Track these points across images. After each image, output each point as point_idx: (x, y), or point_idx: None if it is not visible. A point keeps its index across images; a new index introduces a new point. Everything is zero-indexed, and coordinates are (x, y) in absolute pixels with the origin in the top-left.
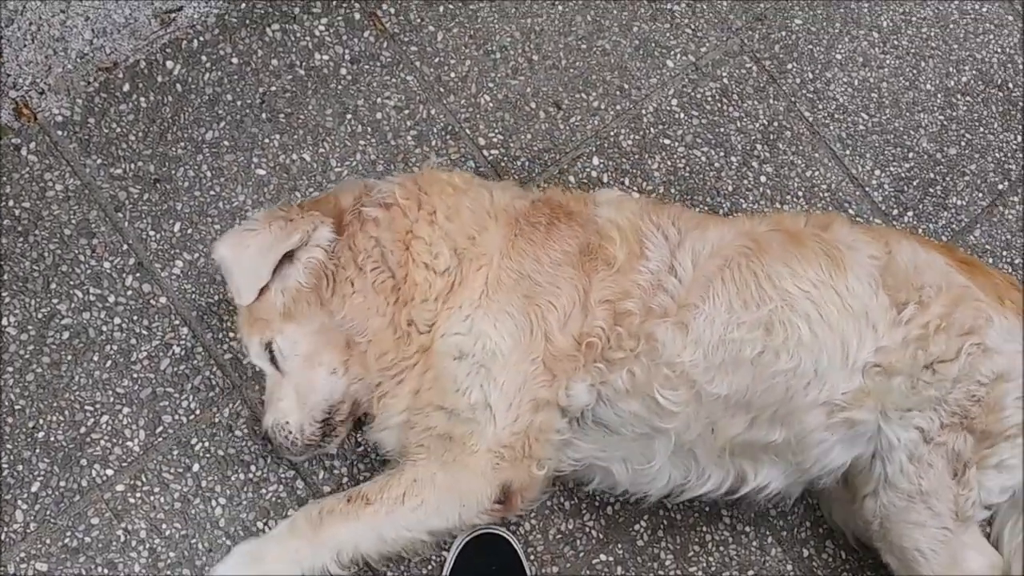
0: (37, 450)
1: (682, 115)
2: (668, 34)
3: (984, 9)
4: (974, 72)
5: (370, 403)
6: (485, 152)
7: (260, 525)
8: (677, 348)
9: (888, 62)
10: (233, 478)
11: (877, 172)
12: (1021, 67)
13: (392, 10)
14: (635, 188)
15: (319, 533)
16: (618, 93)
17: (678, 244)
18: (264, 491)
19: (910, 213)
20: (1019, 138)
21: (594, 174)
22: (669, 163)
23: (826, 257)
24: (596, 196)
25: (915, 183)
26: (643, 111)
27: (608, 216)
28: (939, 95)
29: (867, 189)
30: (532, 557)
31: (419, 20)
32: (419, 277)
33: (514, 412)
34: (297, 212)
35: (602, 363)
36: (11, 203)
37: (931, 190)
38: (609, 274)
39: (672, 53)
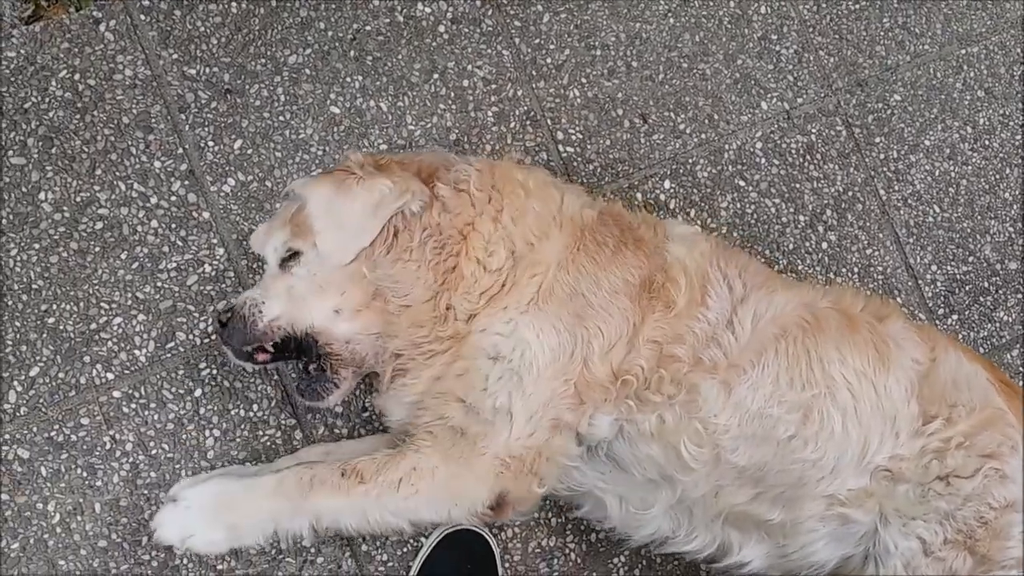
0: (44, 335)
1: (763, 160)
2: (770, 75)
3: None
4: None
5: (377, 364)
6: (560, 147)
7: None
8: (716, 407)
9: (974, 160)
10: (233, 412)
11: (934, 267)
12: None
13: None
14: (699, 222)
15: (306, 499)
16: (707, 122)
17: (741, 299)
18: (260, 433)
19: (955, 316)
20: None
21: (662, 197)
22: (739, 205)
23: (875, 350)
24: (668, 227)
25: (968, 288)
26: (726, 146)
27: (678, 255)
28: (1015, 206)
29: (920, 282)
30: (507, 564)
31: None
32: (467, 271)
33: (532, 426)
34: (397, 168)
35: (633, 401)
36: (76, 76)
37: (981, 299)
38: (666, 316)
39: (768, 96)
